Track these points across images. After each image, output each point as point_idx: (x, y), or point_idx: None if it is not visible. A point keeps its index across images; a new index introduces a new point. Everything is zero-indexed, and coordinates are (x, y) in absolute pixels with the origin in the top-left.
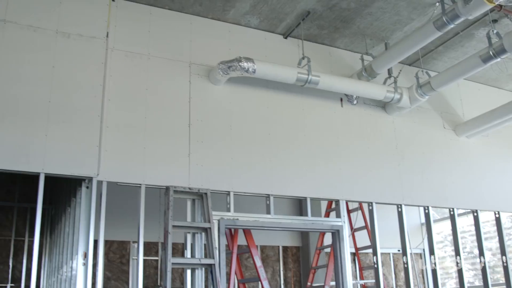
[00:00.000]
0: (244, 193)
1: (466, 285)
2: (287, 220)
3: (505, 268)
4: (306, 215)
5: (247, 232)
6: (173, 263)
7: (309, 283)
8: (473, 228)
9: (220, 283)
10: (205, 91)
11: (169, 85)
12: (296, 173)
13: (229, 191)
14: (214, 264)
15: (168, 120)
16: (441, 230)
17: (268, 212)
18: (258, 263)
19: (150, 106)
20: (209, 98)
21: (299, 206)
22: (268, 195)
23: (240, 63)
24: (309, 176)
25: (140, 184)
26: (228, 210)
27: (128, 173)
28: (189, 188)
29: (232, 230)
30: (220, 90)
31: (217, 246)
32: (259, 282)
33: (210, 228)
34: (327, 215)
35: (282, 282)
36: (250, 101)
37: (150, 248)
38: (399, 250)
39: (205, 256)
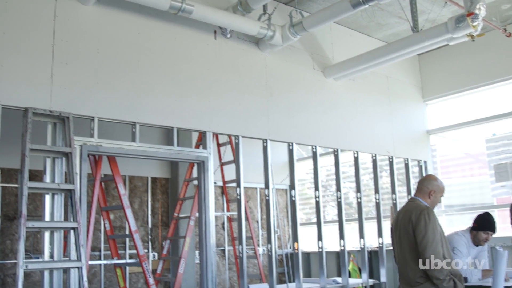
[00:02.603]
0: (110, 119)
1: (324, 216)
2: (153, 149)
3: (359, 204)
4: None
5: (111, 159)
6: (29, 187)
7: (175, 214)
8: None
9: (80, 209)
10: (72, 10)
11: (32, 0)
12: (164, 102)
13: (93, 117)
14: (74, 190)
15: (30, 38)
16: (310, 168)
17: (134, 140)
18: (122, 191)
19: (9, 21)
20: (76, 18)
21: (170, 137)
22: (134, 122)
23: None
24: (178, 106)
25: None
26: (92, 136)
27: None
28: (50, 111)
29: (97, 157)
30: (89, 10)
31: (78, 171)
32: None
33: (71, 153)
34: (197, 147)
35: (149, 212)
36: (121, 26)
37: (11, 174)
38: None
39: (65, 182)
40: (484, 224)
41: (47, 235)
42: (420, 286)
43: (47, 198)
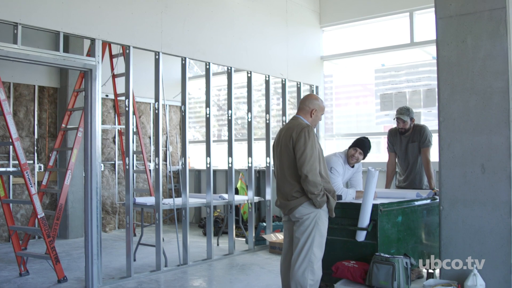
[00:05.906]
0: None
1: (220, 136)
2: (36, 53)
3: (249, 123)
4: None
5: None
6: None
7: (63, 125)
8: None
9: None
10: None
11: None
12: (51, 4)
13: None
14: None
15: None
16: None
17: (15, 42)
18: (2, 96)
19: None
20: None
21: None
22: (17, 23)
23: None
24: (66, 9)
25: None
26: None
27: None
28: None
29: None
30: None
31: None
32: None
33: None
34: (88, 56)
35: (36, 122)
36: None
37: None
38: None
39: None
40: (356, 142)
41: None
42: (296, 200)
43: None
